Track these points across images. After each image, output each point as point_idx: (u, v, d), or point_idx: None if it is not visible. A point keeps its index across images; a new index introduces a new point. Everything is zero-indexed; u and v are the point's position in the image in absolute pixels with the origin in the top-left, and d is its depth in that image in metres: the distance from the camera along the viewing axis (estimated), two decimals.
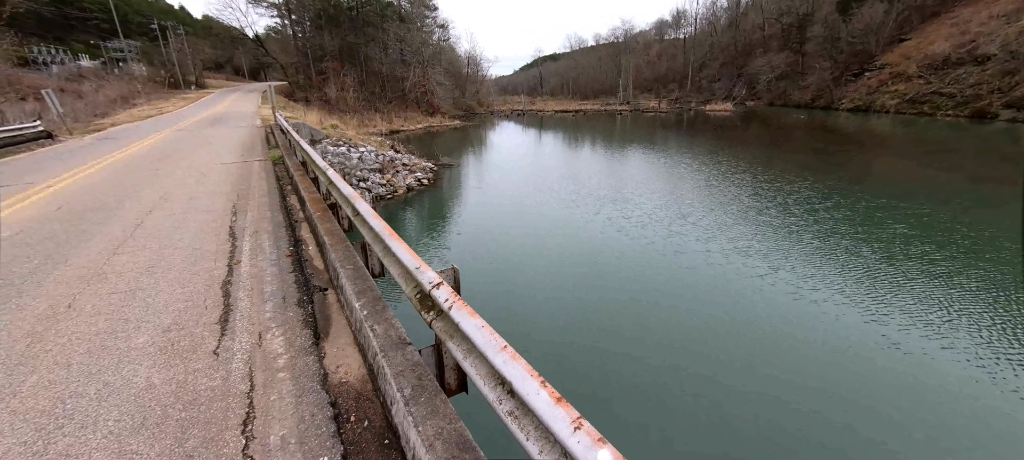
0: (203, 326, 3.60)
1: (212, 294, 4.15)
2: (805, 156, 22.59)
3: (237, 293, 4.16)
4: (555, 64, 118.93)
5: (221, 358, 3.17)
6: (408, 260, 3.03)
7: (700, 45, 78.95)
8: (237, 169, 10.30)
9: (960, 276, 8.23)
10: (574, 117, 57.80)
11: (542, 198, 15.78)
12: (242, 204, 7.30)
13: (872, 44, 48.74)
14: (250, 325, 3.60)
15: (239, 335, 3.46)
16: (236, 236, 5.76)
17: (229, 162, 11.16)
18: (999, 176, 16.76)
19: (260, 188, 8.46)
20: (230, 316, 3.75)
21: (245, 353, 3.23)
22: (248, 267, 4.76)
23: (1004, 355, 5.98)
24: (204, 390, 2.83)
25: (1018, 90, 32.73)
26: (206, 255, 5.10)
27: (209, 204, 7.29)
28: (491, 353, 1.98)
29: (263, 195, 7.93)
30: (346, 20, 46.15)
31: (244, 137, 16.14)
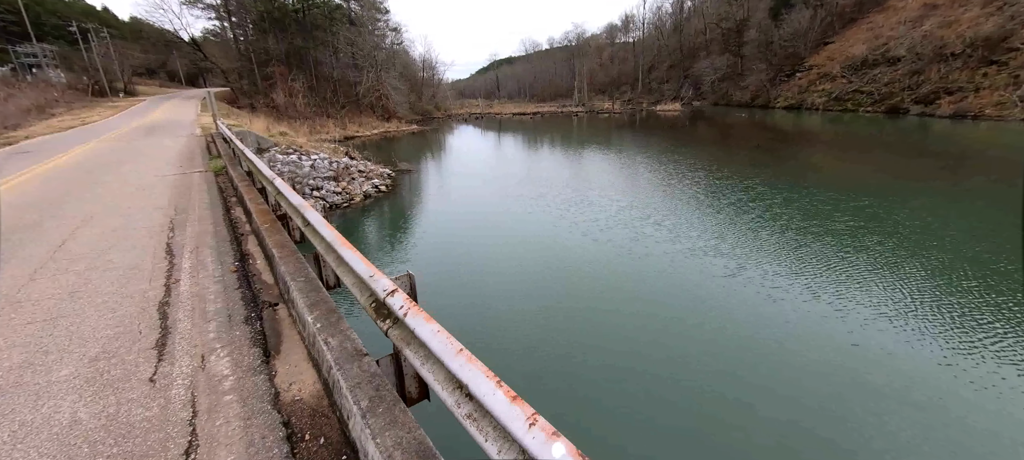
0: (137, 352, 3.33)
1: (147, 317, 3.85)
2: (751, 153, 24.05)
3: (176, 314, 3.88)
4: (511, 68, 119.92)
5: (158, 385, 2.94)
6: (361, 269, 2.96)
7: (648, 48, 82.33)
8: (175, 182, 9.61)
9: (907, 265, 8.83)
10: (532, 119, 58.49)
11: (504, 202, 15.83)
12: (181, 219, 6.82)
13: (801, 47, 52.80)
14: (191, 347, 3.37)
15: (179, 359, 3.23)
16: (174, 253, 5.37)
17: (166, 175, 10.39)
18: (918, 172, 18.62)
19: (201, 201, 7.94)
20: (168, 339, 3.49)
21: (186, 378, 3.01)
22: (188, 286, 4.45)
23: (949, 339, 6.50)
24: (139, 421, 2.62)
25: (924, 88, 36.57)
26: (140, 275, 4.72)
27: (143, 220, 6.76)
28: (447, 357, 1.97)
29: (205, 208, 7.44)
30: (292, 23, 44.25)
31: (182, 147, 15.09)
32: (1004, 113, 29.79)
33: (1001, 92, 31.13)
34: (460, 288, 8.94)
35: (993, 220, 11.58)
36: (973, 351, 6.00)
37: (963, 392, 5.31)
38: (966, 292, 7.57)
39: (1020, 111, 28.95)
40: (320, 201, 15.22)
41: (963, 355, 5.94)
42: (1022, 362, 5.73)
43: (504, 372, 2.44)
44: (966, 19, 37.54)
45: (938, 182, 15.84)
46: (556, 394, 5.72)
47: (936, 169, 17.82)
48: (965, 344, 6.17)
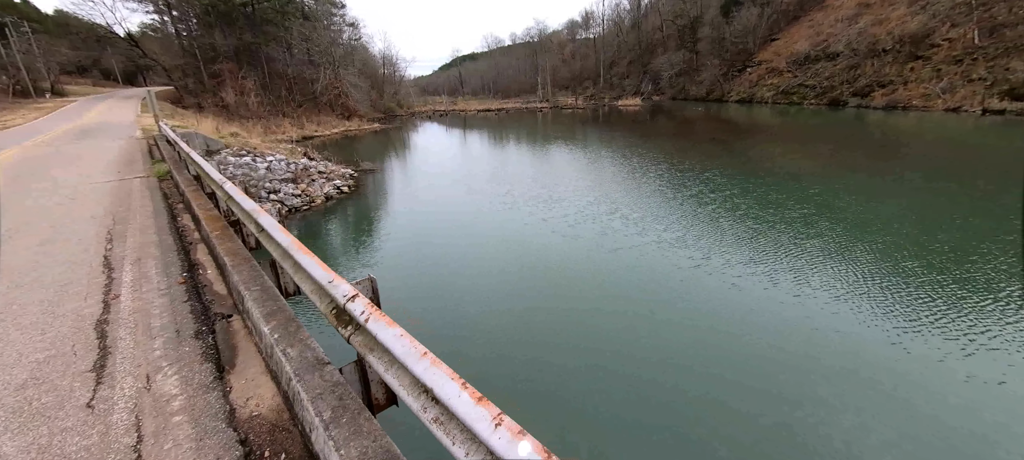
0: (72, 376, 3.06)
1: (83, 337, 3.55)
2: (709, 146, 25.03)
3: (116, 332, 3.60)
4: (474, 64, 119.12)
5: (97, 411, 2.72)
6: (320, 274, 2.85)
7: (609, 45, 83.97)
8: (113, 189, 8.91)
9: (855, 248, 9.41)
10: (497, 116, 58.41)
11: (471, 200, 15.71)
12: (120, 229, 6.32)
13: (750, 43, 55.46)
14: (135, 367, 3.14)
15: (121, 381, 3.00)
16: (113, 267, 4.98)
17: (102, 181, 9.62)
18: (858, 160, 20.00)
19: (143, 209, 7.41)
20: (108, 360, 3.23)
21: (129, 400, 2.80)
22: (130, 301, 4.14)
23: (896, 317, 6.98)
24: (76, 452, 2.41)
25: (860, 81, 39.32)
26: (74, 293, 4.35)
27: (77, 232, 6.22)
28: (411, 362, 1.92)
29: (147, 217, 6.95)
30: (241, 17, 41.95)
31: (121, 151, 14.01)
32: (929, 104, 32.54)
33: (926, 85, 33.96)
34: (427, 290, 8.81)
35: (925, 202, 12.63)
36: (919, 328, 6.46)
37: (911, 367, 5.71)
38: (909, 272, 8.17)
39: (942, 102, 31.71)
40: (278, 205, 14.56)
41: (910, 332, 6.38)
42: (961, 336, 6.23)
43: (474, 373, 2.40)
44: (895, 17, 40.64)
45: (875, 169, 17.08)
46: (527, 392, 5.75)
47: (873, 157, 19.23)
48: (911, 321, 6.64)
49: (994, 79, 30.20)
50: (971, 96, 30.49)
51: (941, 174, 15.61)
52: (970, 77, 31.65)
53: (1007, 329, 6.22)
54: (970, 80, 31.49)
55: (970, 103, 30.16)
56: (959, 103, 30.76)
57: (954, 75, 32.74)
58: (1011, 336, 6.06)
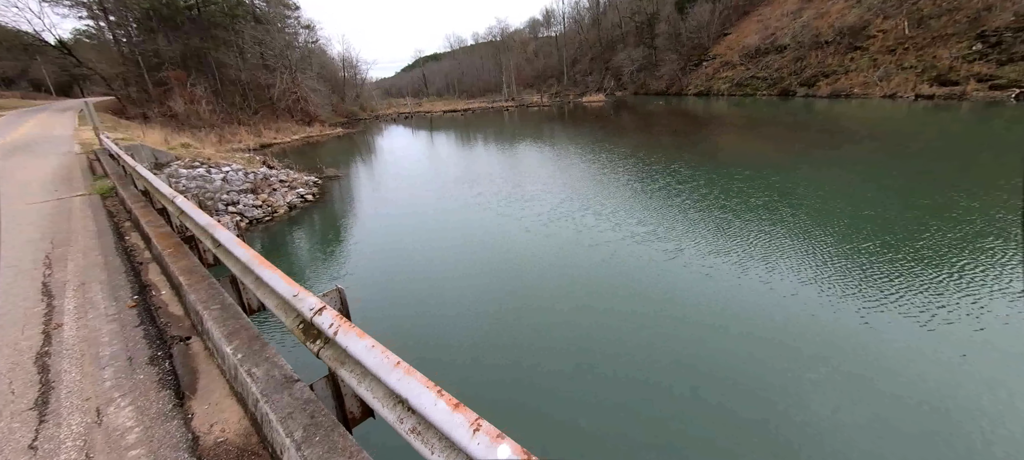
0: (10, 416, 2.81)
1: (22, 373, 3.26)
2: (672, 139, 25.79)
3: (60, 365, 3.33)
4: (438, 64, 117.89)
5: (42, 452, 2.51)
6: (283, 288, 2.73)
7: (570, 42, 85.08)
8: (51, 209, 8.25)
9: (817, 232, 9.89)
10: (463, 116, 58.06)
11: (442, 202, 15.53)
12: (60, 253, 5.86)
13: (705, 38, 57.57)
14: (83, 402, 2.92)
15: (67, 417, 2.78)
16: (53, 294, 4.61)
17: (38, 202, 8.89)
18: (809, 147, 21.14)
19: (85, 230, 6.90)
20: (52, 396, 2.99)
21: (78, 438, 2.60)
22: (74, 330, 3.84)
23: (860, 297, 7.43)
24: None
25: (807, 72, 41.61)
26: (8, 324, 3.99)
27: (10, 258, 5.72)
28: (384, 373, 1.88)
29: (90, 238, 6.47)
30: (186, 21, 39.75)
31: (57, 168, 12.99)
32: (868, 91, 34.84)
33: (865, 74, 36.35)
34: (400, 297, 8.64)
35: (873, 185, 13.50)
36: (882, 307, 6.79)
37: (879, 347, 5.99)
38: (868, 253, 8.63)
39: (880, 89, 34.03)
40: (237, 217, 13.92)
41: (874, 312, 6.71)
42: (920, 313, 6.64)
43: (451, 379, 2.36)
44: (834, 11, 43.22)
45: (826, 155, 18.13)
46: (505, 395, 5.74)
47: (823, 144, 20.39)
48: (874, 301, 6.99)
49: (923, 67, 32.68)
50: (904, 83, 32.87)
51: (884, 157, 16.74)
52: (903, 65, 34.12)
53: (962, 302, 6.65)
54: (903, 68, 33.94)
55: (904, 89, 32.51)
56: (895, 90, 33.10)
57: (889, 64, 35.19)
58: (966, 309, 6.48)
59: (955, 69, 30.64)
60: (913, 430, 4.63)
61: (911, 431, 4.61)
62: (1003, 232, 8.79)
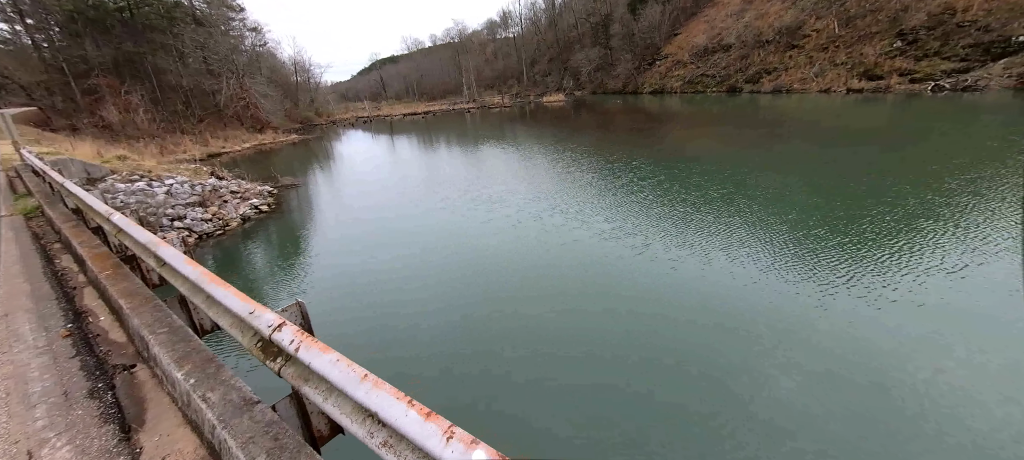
0: None
1: None
2: (631, 136, 26.53)
3: None
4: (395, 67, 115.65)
5: None
6: (238, 306, 2.59)
7: (528, 43, 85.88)
8: None
9: (771, 221, 10.44)
10: (424, 119, 57.29)
11: (406, 208, 15.22)
12: None
13: (657, 38, 59.74)
14: (10, 446, 2.63)
15: None
16: None
17: None
18: (756, 140, 22.33)
19: (7, 254, 6.25)
20: None
21: None
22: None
23: (814, 281, 7.97)
24: None
25: (751, 69, 44.06)
26: None
27: None
28: (351, 387, 1.82)
29: (13, 262, 5.87)
30: (116, 24, 36.89)
31: None
32: (806, 87, 37.35)
33: (802, 70, 38.94)
34: (366, 308, 8.39)
35: (817, 172, 14.46)
36: (833, 288, 7.25)
37: (831, 325, 6.42)
38: (817, 239, 9.19)
39: (816, 84, 36.57)
40: (184, 233, 13.06)
41: (826, 293, 7.17)
42: (867, 292, 7.16)
43: (422, 388, 2.29)
44: (772, 12, 46.04)
45: (773, 147, 19.27)
46: (478, 400, 5.70)
47: (770, 137, 21.66)
48: (825, 282, 7.47)
49: (852, 63, 35.40)
50: (837, 78, 35.48)
51: (825, 148, 17.99)
52: (835, 62, 36.82)
53: (904, 280, 7.21)
54: (835, 65, 36.62)
55: (837, 84, 35.09)
56: (829, 85, 35.66)
57: (823, 61, 37.87)
58: (908, 286, 7.02)
59: (879, 65, 33.43)
60: (865, 400, 5.00)
61: (863, 401, 4.98)
62: (932, 213, 9.67)
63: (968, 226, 8.88)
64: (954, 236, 8.53)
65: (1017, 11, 27.98)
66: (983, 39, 28.96)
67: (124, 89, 34.57)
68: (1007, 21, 28.29)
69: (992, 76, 27.21)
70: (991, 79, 27.15)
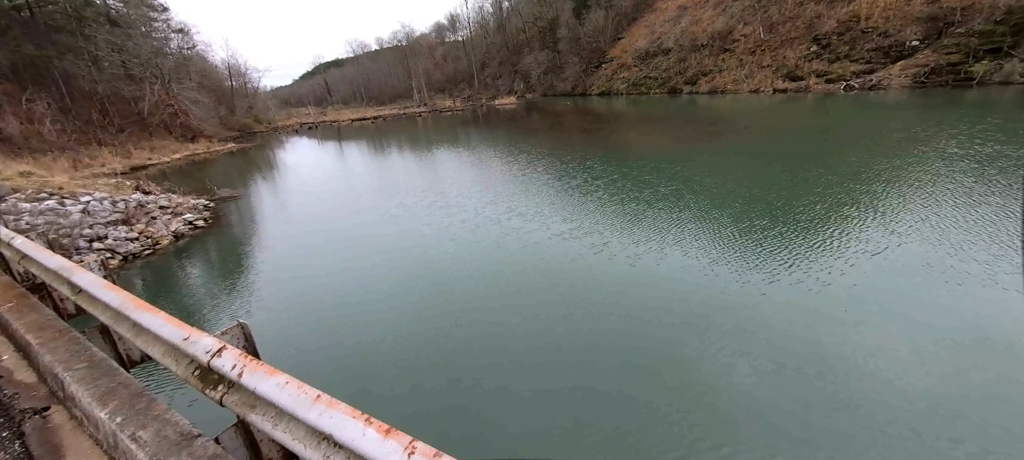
0: None
1: None
2: (582, 137, 27.19)
3: None
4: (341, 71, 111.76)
5: None
6: (170, 332, 2.38)
7: (478, 46, 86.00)
8: None
9: (717, 214, 11.00)
10: (374, 124, 55.65)
11: (359, 216, 14.65)
12: None
13: (602, 42, 61.91)
14: None
15: None
16: None
17: None
18: (698, 137, 23.64)
19: None
20: None
21: None
22: None
23: (758, 269, 8.48)
24: None
25: (689, 71, 46.72)
26: None
27: None
28: (303, 410, 1.72)
29: None
30: (14, 25, 32.83)
31: None
32: (738, 87, 40.17)
33: (734, 72, 41.85)
34: (320, 324, 7.97)
35: (755, 167, 15.54)
36: (776, 276, 7.76)
37: (777, 311, 6.87)
38: (760, 229, 9.82)
39: (747, 85, 39.42)
40: (106, 255, 11.84)
41: (772, 281, 7.65)
42: (806, 276, 7.78)
43: (383, 403, 2.19)
44: (706, 18, 49.14)
45: (713, 144, 20.51)
46: (442, 411, 5.56)
47: (709, 134, 23.06)
48: (769, 270, 7.99)
49: (777, 65, 38.52)
50: (764, 80, 38.46)
51: (759, 143, 19.41)
52: (762, 64, 39.89)
53: (836, 264, 7.86)
54: (762, 67, 39.68)
55: (764, 85, 38.03)
56: (758, 86, 38.56)
57: (752, 64, 40.91)
58: (840, 269, 7.67)
59: (800, 67, 36.63)
60: (808, 375, 5.42)
61: (806, 376, 5.40)
62: (855, 200, 10.70)
63: (885, 211, 9.93)
64: (875, 220, 9.50)
65: (908, 19, 31.71)
66: (883, 44, 32.55)
67: (25, 97, 30.78)
68: (901, 28, 31.98)
69: (892, 76, 30.66)
70: (891, 79, 30.59)
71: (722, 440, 4.66)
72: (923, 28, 30.55)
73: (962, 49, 28.05)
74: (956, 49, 28.37)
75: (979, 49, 27.33)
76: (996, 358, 5.40)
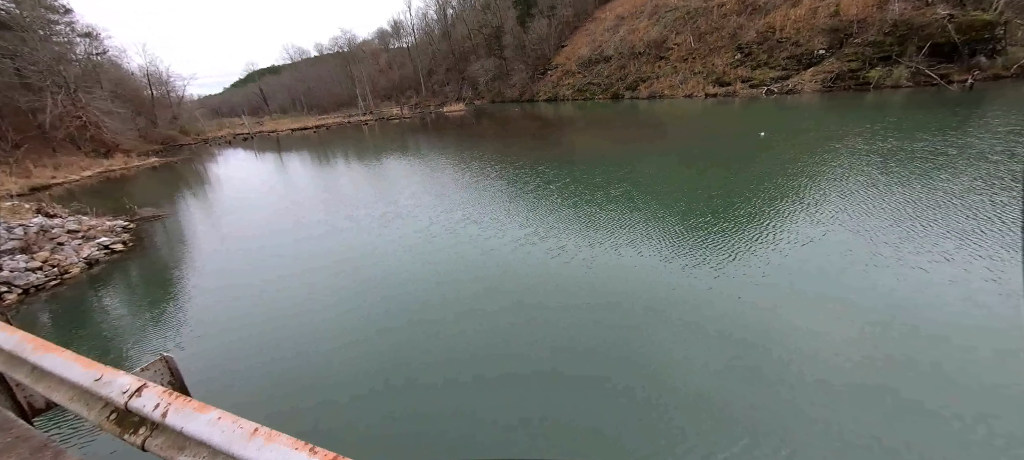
0: None
1: None
2: (532, 142, 27.51)
3: None
4: (277, 78, 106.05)
5: None
6: (79, 374, 2.13)
7: (424, 53, 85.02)
8: None
9: (664, 214, 11.49)
10: (317, 134, 53.19)
11: (306, 231, 13.86)
12: None
13: (547, 49, 63.46)
14: None
15: None
16: None
17: None
18: (641, 140, 24.76)
19: None
20: None
21: None
22: None
23: (708, 262, 8.94)
24: None
25: (630, 78, 49.01)
26: None
27: None
28: (238, 447, 1.60)
29: None
30: None
31: None
32: (674, 92, 42.69)
33: (669, 78, 44.44)
34: (260, 350, 7.43)
35: (694, 167, 16.51)
36: (721, 268, 8.27)
37: (723, 302, 7.32)
38: (705, 226, 10.36)
39: (682, 91, 42.00)
40: (2, 288, 10.38)
41: (716, 275, 8.14)
42: (748, 268, 8.35)
43: (334, 430, 2.06)
44: (642, 28, 51.86)
45: (656, 146, 21.60)
46: (395, 429, 5.39)
47: (651, 137, 24.28)
48: (715, 264, 8.48)
49: (707, 72, 41.38)
50: (697, 85, 41.15)
51: (697, 144, 20.69)
52: (694, 71, 42.69)
53: (772, 254, 8.56)
54: (694, 73, 42.47)
55: (697, 91, 40.69)
56: (692, 91, 41.19)
57: (685, 70, 43.66)
58: (778, 261, 8.32)
59: (727, 73, 39.59)
60: (753, 358, 5.85)
61: (751, 360, 5.82)
62: (786, 194, 11.68)
63: (810, 203, 10.94)
64: (802, 212, 10.43)
65: (815, 30, 35.32)
66: (796, 52, 36.00)
67: None
68: (810, 38, 35.55)
69: (804, 81, 33.96)
70: (804, 84, 33.87)
71: (685, 424, 4.92)
72: (828, 39, 34.18)
73: (860, 57, 31.69)
74: (855, 57, 32.00)
75: (873, 57, 31.01)
76: (909, 330, 6.12)
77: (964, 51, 27.63)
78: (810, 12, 36.21)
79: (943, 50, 28.32)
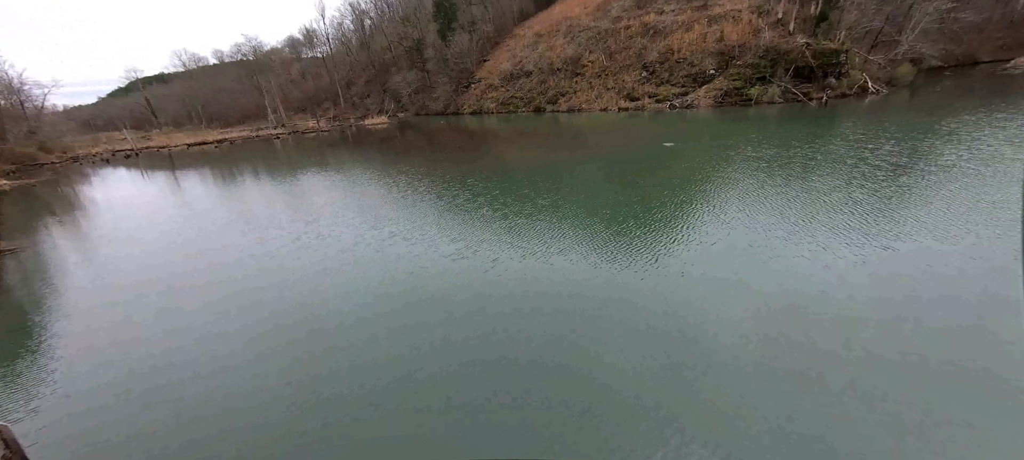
0: None
1: None
2: (459, 155, 27.44)
3: None
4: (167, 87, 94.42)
5: None
6: None
7: (340, 64, 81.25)
8: None
9: (590, 219, 12.11)
10: (219, 149, 48.00)
11: (206, 260, 12.36)
12: None
13: (469, 63, 64.09)
14: None
15: None
16: None
17: None
18: (564, 150, 25.84)
19: None
20: None
21: None
22: None
23: (640, 256, 9.50)
24: None
25: (550, 92, 51.23)
26: None
27: None
28: None
29: None
30: None
31: None
32: (590, 106, 45.47)
33: (586, 93, 47.29)
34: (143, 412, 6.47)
35: (614, 175, 17.59)
36: (647, 265, 9.00)
37: (652, 294, 7.95)
38: (629, 230, 11.18)
39: (597, 105, 44.87)
40: None
41: (644, 270, 8.83)
42: (672, 262, 9.12)
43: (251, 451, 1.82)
44: (558, 45, 54.66)
45: (576, 156, 22.70)
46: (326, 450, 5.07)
47: (571, 148, 25.50)
48: (641, 261, 9.19)
49: (618, 88, 44.70)
50: (610, 100, 44.25)
51: (613, 153, 22.12)
52: (607, 87, 45.88)
53: (688, 252, 9.48)
54: (608, 89, 45.64)
55: (611, 105, 43.75)
56: (606, 105, 44.17)
57: (599, 86, 46.75)
58: (690, 257, 9.25)
59: (636, 89, 43.12)
60: (677, 355, 6.39)
61: (676, 355, 6.35)
62: (693, 199, 12.95)
63: (715, 205, 12.31)
64: (710, 215, 11.69)
65: (706, 53, 39.94)
66: (692, 71, 40.36)
67: None
68: (702, 59, 40.09)
69: (700, 97, 38.17)
70: (700, 99, 38.05)
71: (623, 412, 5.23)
72: (716, 60, 38.89)
73: (742, 77, 36.49)
74: (738, 77, 36.77)
75: (752, 77, 35.88)
76: (799, 311, 7.13)
77: (819, 74, 33.16)
78: (701, 37, 40.98)
79: (804, 72, 33.75)
